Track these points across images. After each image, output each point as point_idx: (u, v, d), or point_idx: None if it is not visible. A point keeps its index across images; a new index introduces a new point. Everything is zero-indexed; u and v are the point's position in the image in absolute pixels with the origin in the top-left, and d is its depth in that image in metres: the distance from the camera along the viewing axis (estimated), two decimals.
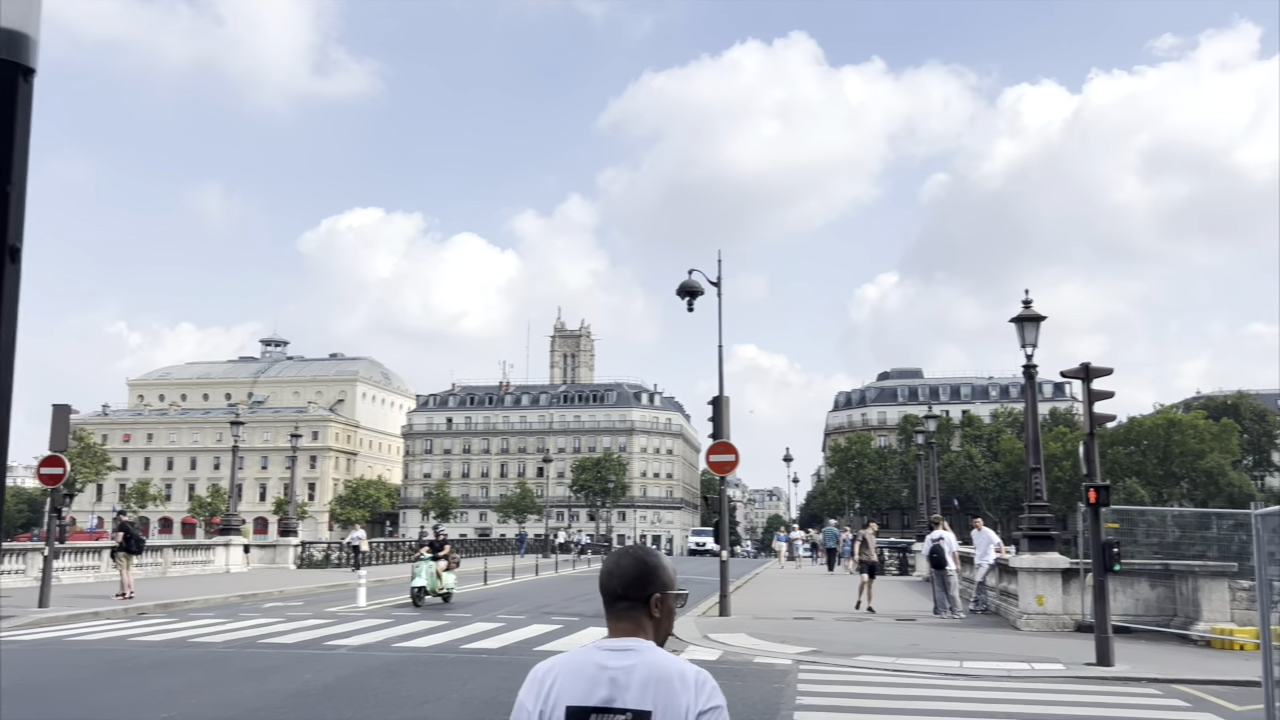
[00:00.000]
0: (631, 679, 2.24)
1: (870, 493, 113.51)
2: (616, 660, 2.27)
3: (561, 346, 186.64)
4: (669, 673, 2.25)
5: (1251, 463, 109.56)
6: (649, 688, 2.23)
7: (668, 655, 2.32)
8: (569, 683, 2.27)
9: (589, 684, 2.25)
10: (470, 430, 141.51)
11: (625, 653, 2.29)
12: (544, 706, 2.27)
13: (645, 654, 2.29)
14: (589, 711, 2.23)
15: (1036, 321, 17.64)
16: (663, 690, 2.22)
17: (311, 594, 26.43)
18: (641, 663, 2.26)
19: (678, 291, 20.07)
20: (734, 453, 19.54)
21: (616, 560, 2.43)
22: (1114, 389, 14.06)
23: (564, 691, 2.26)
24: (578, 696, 2.25)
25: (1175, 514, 21.46)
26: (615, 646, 2.31)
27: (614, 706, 2.23)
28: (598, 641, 2.34)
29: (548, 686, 2.28)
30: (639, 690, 2.23)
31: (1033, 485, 17.96)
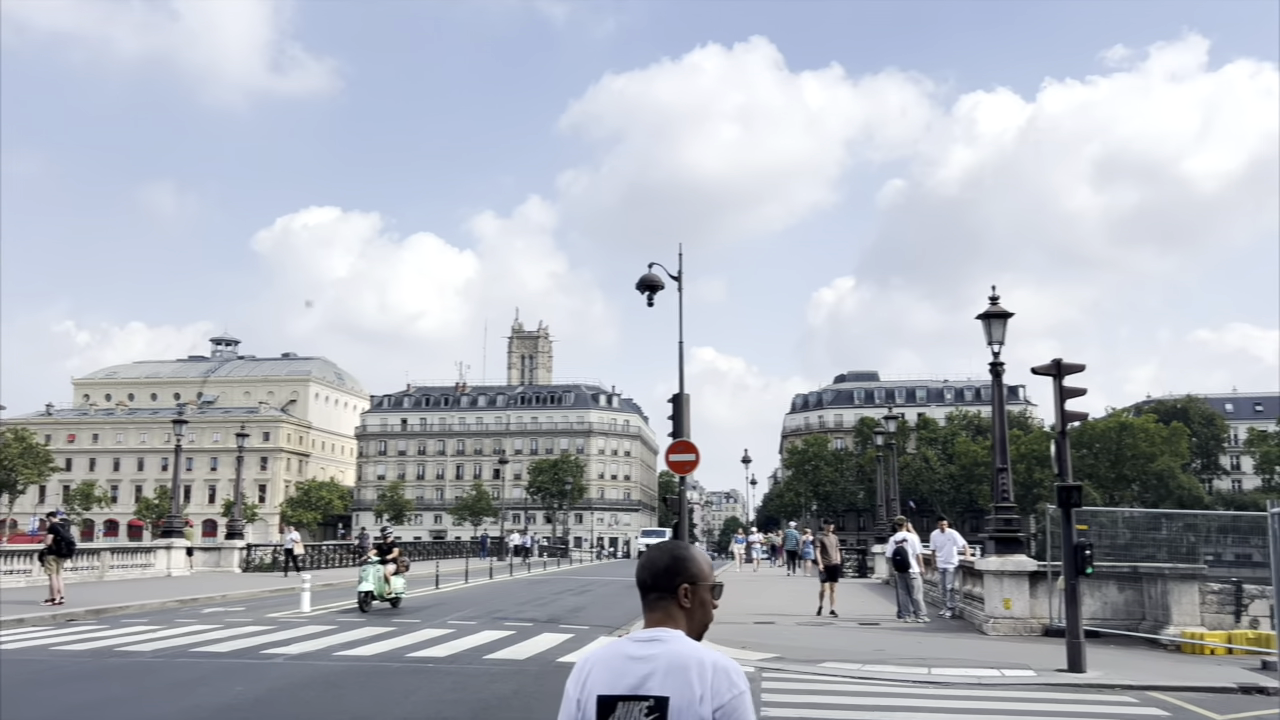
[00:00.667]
0: (655, 667, 2.38)
1: (827, 495, 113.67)
2: (643, 650, 2.43)
3: (519, 348, 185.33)
4: (689, 661, 2.37)
5: (1200, 466, 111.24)
6: (669, 675, 2.36)
7: (693, 644, 2.43)
8: (600, 673, 2.43)
9: (617, 673, 2.41)
10: (425, 432, 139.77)
11: (652, 643, 2.44)
12: (580, 695, 2.44)
13: (670, 643, 2.42)
14: (616, 700, 2.39)
15: (1004, 318, 17.23)
16: (680, 678, 2.35)
17: (255, 598, 25.44)
18: (665, 652, 2.40)
19: (638, 286, 19.41)
20: (694, 452, 18.92)
21: (649, 554, 2.60)
22: (1085, 386, 13.65)
23: (596, 681, 2.43)
24: (607, 685, 2.41)
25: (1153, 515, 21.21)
26: (644, 637, 2.47)
27: (638, 694, 2.37)
28: (631, 634, 2.50)
29: (584, 676, 2.46)
30: (660, 678, 2.37)
31: (1000, 486, 17.52)
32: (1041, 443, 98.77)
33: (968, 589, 20.21)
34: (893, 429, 34.89)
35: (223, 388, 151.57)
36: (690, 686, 2.34)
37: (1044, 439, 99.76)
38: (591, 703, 2.42)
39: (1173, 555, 18.04)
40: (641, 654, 2.42)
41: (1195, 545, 19.69)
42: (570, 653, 14.72)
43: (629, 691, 2.38)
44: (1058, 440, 13.54)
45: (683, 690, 2.34)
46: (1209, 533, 22.16)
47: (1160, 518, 20.91)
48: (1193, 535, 20.94)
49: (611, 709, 2.39)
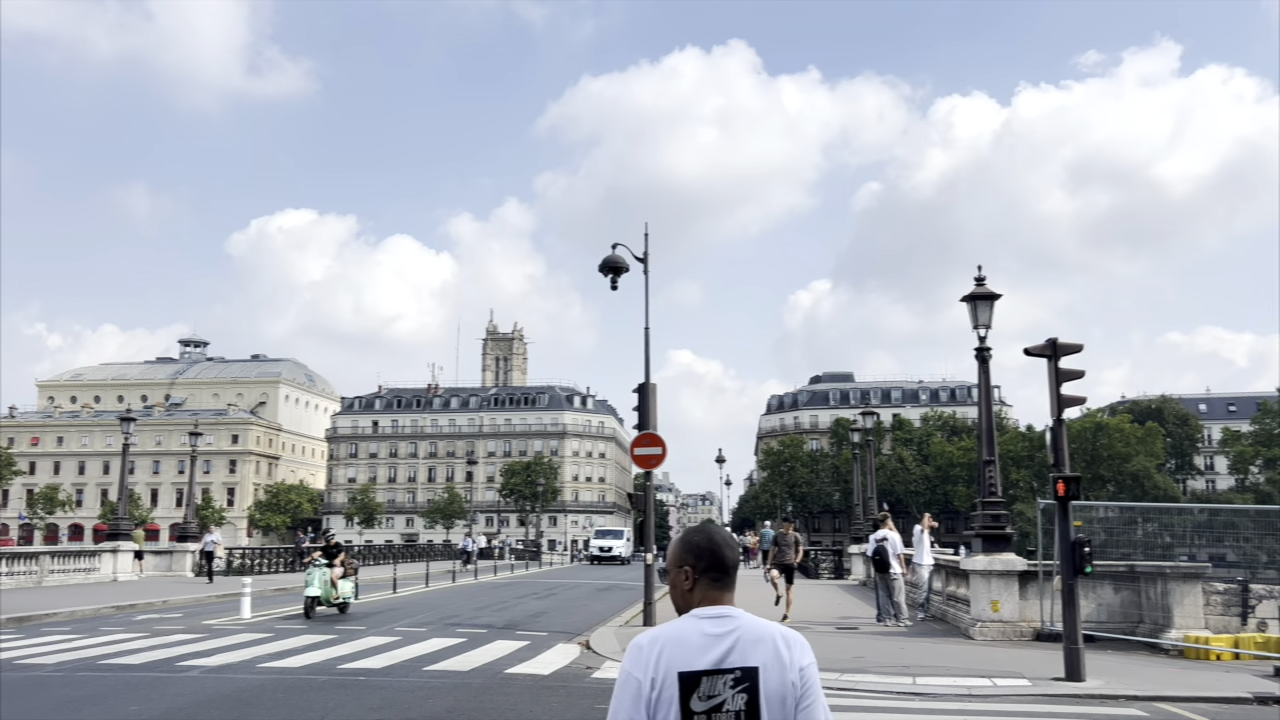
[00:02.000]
0: (736, 640, 2.49)
1: (802, 496, 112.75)
2: (718, 627, 2.52)
3: (494, 349, 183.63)
4: (769, 633, 2.53)
5: (1174, 466, 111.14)
6: (752, 647, 2.49)
7: (760, 619, 2.58)
8: (677, 651, 2.48)
9: (697, 650, 2.48)
10: (397, 434, 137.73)
11: (724, 619, 2.53)
12: (655, 675, 2.46)
13: (741, 619, 2.55)
14: (700, 675, 2.45)
15: (990, 300, 16.08)
16: (766, 648, 2.50)
17: (198, 604, 23.96)
18: (741, 626, 2.52)
19: (601, 268, 18.16)
20: (661, 445, 17.67)
21: (708, 536, 2.67)
22: (1084, 368, 12.51)
23: (674, 659, 2.47)
24: (687, 662, 2.46)
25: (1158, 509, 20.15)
26: (713, 614, 2.55)
27: (724, 667, 2.46)
28: (695, 612, 2.57)
29: (655, 656, 2.49)
30: (744, 650, 2.49)
31: (986, 479, 16.32)
32: (1018, 443, 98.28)
33: (950, 590, 19.08)
34: (869, 426, 33.78)
35: (191, 390, 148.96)
36: (776, 655, 2.50)
37: (1020, 439, 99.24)
38: (672, 679, 2.46)
39: (1148, 555, 17.02)
40: (718, 630, 2.52)
41: (1171, 547, 18.83)
42: (524, 662, 13.43)
43: (712, 666, 2.47)
44: (1054, 428, 12.39)
45: (768, 660, 2.49)
46: (1185, 531, 21.21)
47: (1170, 512, 19.85)
48: (1169, 535, 19.95)
49: (695, 684, 2.45)
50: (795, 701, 2.47)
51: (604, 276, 18.14)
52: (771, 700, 2.46)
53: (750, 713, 2.44)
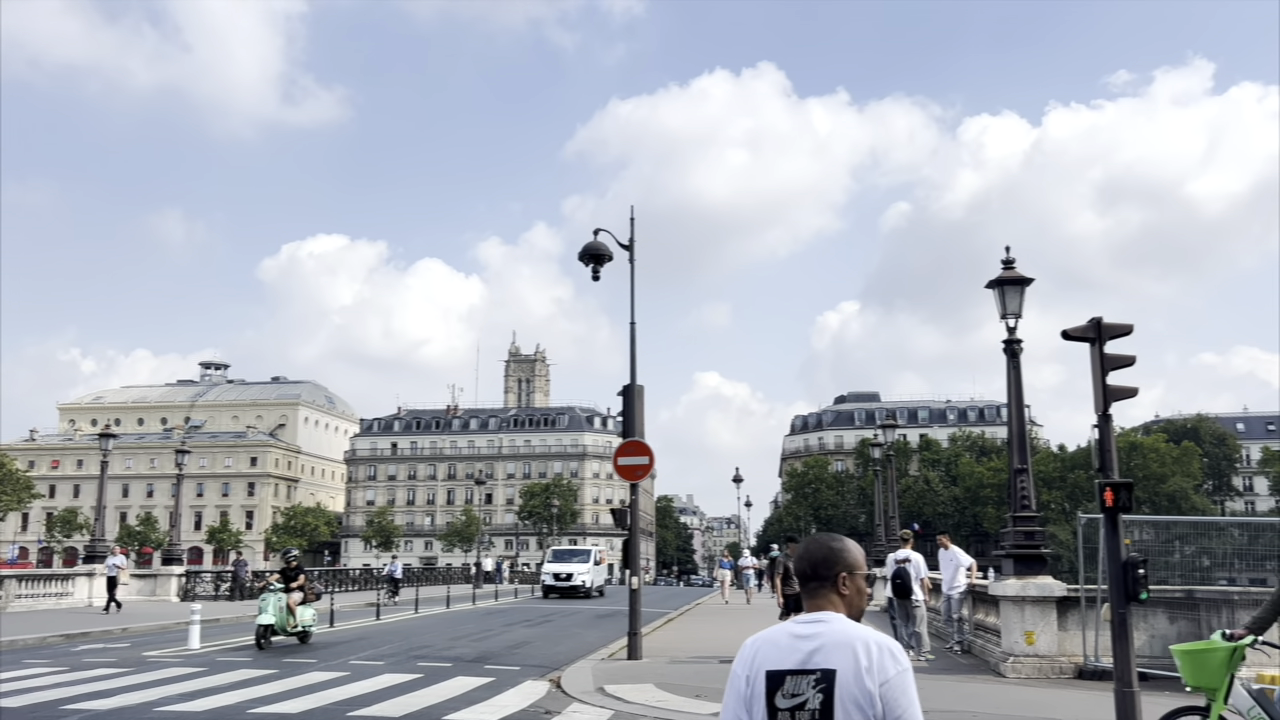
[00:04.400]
0: (821, 644, 2.60)
1: (827, 518, 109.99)
2: (808, 630, 2.65)
3: (516, 371, 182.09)
4: (853, 638, 2.59)
5: (1212, 487, 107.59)
6: (834, 650, 2.58)
7: (855, 625, 2.65)
8: (769, 651, 2.65)
9: (785, 650, 2.63)
10: (416, 455, 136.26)
11: (816, 624, 2.66)
12: (749, 672, 2.65)
13: (833, 624, 2.65)
14: (785, 674, 2.60)
15: (1020, 285, 14.02)
16: (847, 653, 2.56)
17: (155, 631, 22.13)
18: (829, 630, 2.63)
19: (580, 256, 16.28)
20: (648, 453, 15.70)
21: (806, 546, 2.82)
22: (1135, 354, 10.45)
23: (765, 659, 2.64)
24: (775, 661, 2.62)
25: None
26: (807, 619, 2.70)
27: (805, 668, 2.58)
28: (794, 617, 2.75)
29: (751, 655, 2.68)
30: (826, 653, 2.58)
31: (1019, 490, 14.14)
32: (1050, 463, 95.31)
33: (979, 618, 16.91)
34: (890, 440, 31.59)
35: (210, 412, 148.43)
36: (856, 660, 2.55)
37: (1053, 459, 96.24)
38: (760, 677, 2.62)
39: (1186, 580, 14.94)
40: (807, 633, 2.64)
41: (1210, 571, 16.82)
42: (475, 704, 11.45)
43: (797, 666, 2.60)
44: (1100, 424, 10.31)
45: (848, 664, 2.55)
46: (1225, 554, 19.05)
47: (1208, 535, 17.66)
48: (1208, 558, 17.82)
49: (780, 682, 2.60)
50: (876, 708, 2.52)
51: (585, 266, 16.24)
52: (846, 703, 2.54)
53: (825, 713, 2.55)
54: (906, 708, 2.51)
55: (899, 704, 2.51)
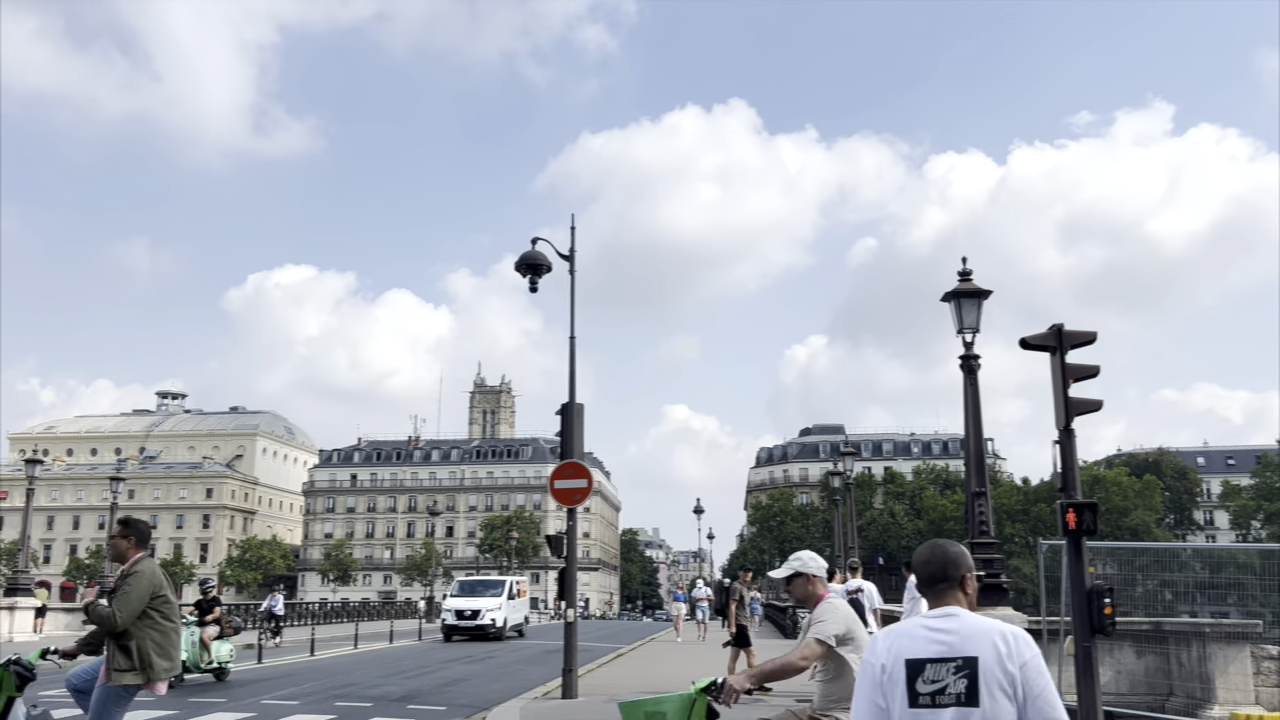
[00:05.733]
0: (959, 635, 2.91)
1: (793, 551, 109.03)
2: (942, 624, 2.97)
3: (481, 402, 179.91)
4: (989, 629, 2.92)
5: (1174, 521, 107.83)
6: (973, 640, 2.89)
7: (984, 618, 2.99)
8: (905, 643, 2.95)
9: (923, 642, 2.93)
10: (376, 487, 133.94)
11: (949, 618, 2.99)
12: (885, 661, 2.95)
13: (965, 618, 2.98)
14: (925, 662, 2.90)
15: (977, 298, 13.29)
16: (985, 641, 2.88)
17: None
18: (963, 623, 2.95)
19: (517, 266, 15.37)
20: (586, 476, 14.72)
21: (931, 550, 3.21)
22: (1099, 363, 9.68)
23: (902, 649, 2.94)
24: (914, 652, 2.92)
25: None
26: (939, 614, 3.03)
27: (946, 657, 2.89)
28: (924, 614, 3.06)
29: (887, 646, 2.98)
30: (964, 642, 2.89)
31: (976, 515, 13.29)
32: (1012, 496, 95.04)
33: None
34: (849, 468, 30.81)
35: (166, 442, 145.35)
36: (995, 648, 2.86)
37: (1015, 493, 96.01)
38: (900, 665, 2.91)
39: (1149, 612, 14.16)
40: (941, 626, 2.96)
41: (1173, 604, 16.16)
42: None
43: (936, 656, 2.89)
44: (1061, 439, 9.50)
45: (989, 651, 2.86)
46: (1187, 588, 18.36)
47: (1170, 566, 16.95)
48: (1169, 591, 17.11)
49: (920, 669, 2.89)
50: (1017, 690, 2.83)
51: (522, 277, 15.33)
52: (990, 685, 2.83)
53: (970, 696, 2.84)
54: (1044, 687, 2.85)
55: (1037, 684, 2.84)
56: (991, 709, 2.82)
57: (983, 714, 2.82)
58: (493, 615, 32.05)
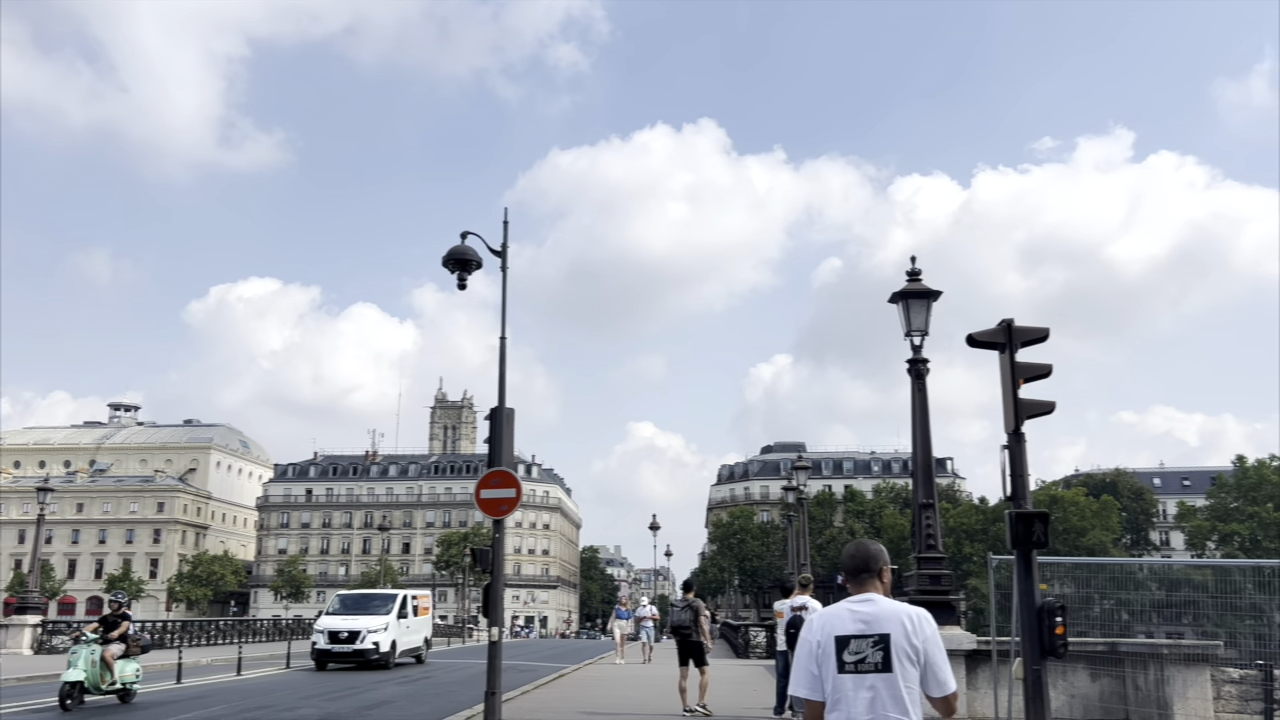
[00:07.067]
0: (875, 616, 3.68)
1: (753, 569, 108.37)
2: (863, 607, 3.73)
3: (442, 418, 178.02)
4: (899, 611, 3.70)
5: (1130, 541, 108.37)
6: (887, 620, 3.66)
7: (894, 601, 3.77)
8: (835, 622, 3.72)
9: (848, 621, 3.70)
10: (332, 503, 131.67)
11: (868, 602, 3.75)
12: (819, 638, 3.70)
13: (880, 602, 3.75)
14: (850, 637, 3.66)
15: (925, 299, 12.59)
16: (895, 621, 3.66)
17: None
18: (878, 607, 3.72)
19: (445, 261, 14.52)
20: (514, 485, 13.84)
21: (857, 547, 3.99)
22: (1051, 359, 9.00)
23: (832, 628, 3.70)
24: (841, 629, 3.68)
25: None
26: (861, 599, 3.79)
27: (866, 634, 3.65)
28: (846, 599, 3.84)
29: (820, 625, 3.75)
30: (880, 622, 3.66)
31: (924, 527, 12.54)
32: (971, 516, 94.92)
33: None
34: (804, 483, 30.12)
35: (117, 455, 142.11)
36: (903, 626, 3.65)
37: (974, 512, 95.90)
38: (830, 641, 3.68)
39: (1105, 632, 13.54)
40: (862, 609, 3.72)
41: (1129, 624, 15.62)
42: None
43: (858, 631, 3.66)
44: (1010, 445, 8.78)
45: (898, 629, 3.64)
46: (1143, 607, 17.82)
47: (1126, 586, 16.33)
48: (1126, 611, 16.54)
49: (846, 644, 3.66)
50: (920, 660, 3.65)
51: (450, 273, 14.47)
52: (900, 656, 3.62)
53: (885, 664, 3.61)
54: (939, 659, 3.68)
55: (934, 657, 3.66)
56: (901, 674, 3.61)
57: (895, 678, 3.61)
58: (375, 638, 25.96)
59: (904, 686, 3.57)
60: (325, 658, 26.09)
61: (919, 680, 3.61)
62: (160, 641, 35.05)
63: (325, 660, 26.10)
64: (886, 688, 3.56)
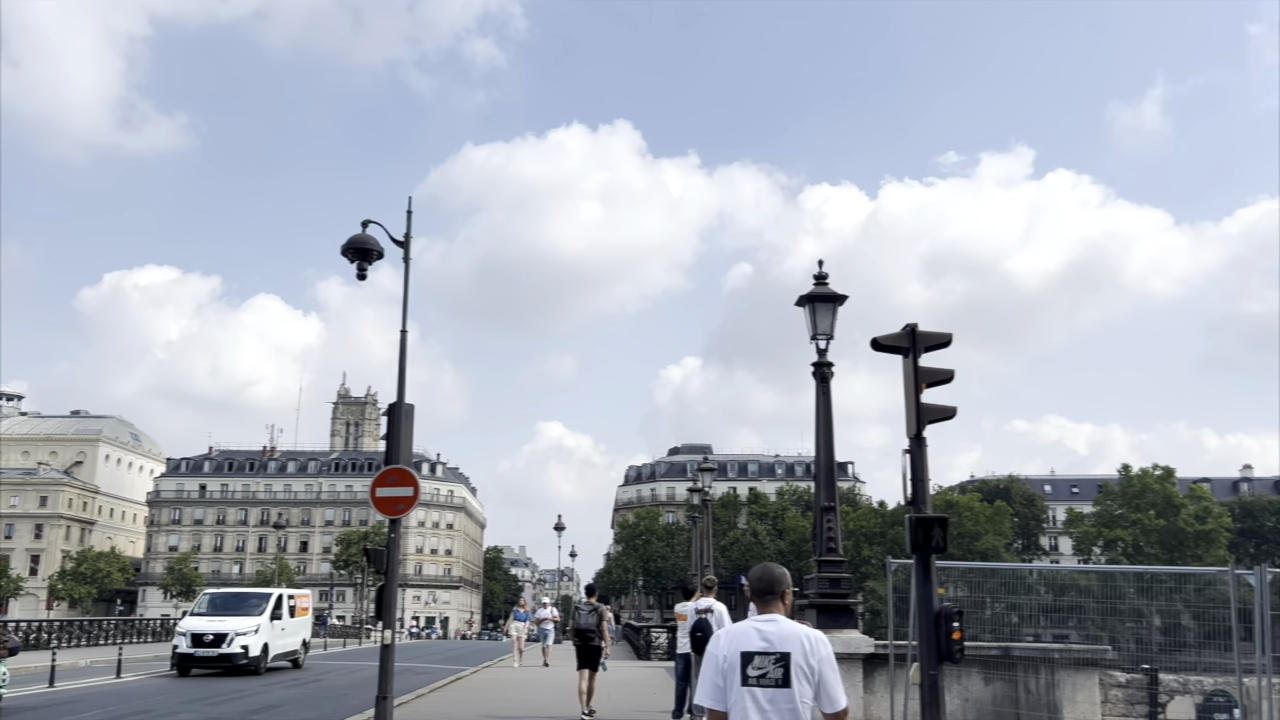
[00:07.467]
0: (778, 636, 4.05)
1: (657, 570, 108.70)
2: (767, 627, 4.10)
3: (345, 414, 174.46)
4: (798, 632, 4.08)
5: (1021, 546, 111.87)
6: (787, 640, 4.04)
7: (794, 623, 4.16)
8: (740, 640, 4.08)
9: (753, 639, 4.05)
10: (227, 499, 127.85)
11: (771, 623, 4.12)
12: (726, 652, 4.06)
13: (782, 623, 4.13)
14: (754, 654, 4.01)
15: (832, 303, 12.61)
16: (795, 642, 4.04)
17: None
18: (780, 627, 4.09)
19: (344, 250, 14.03)
20: (412, 484, 13.46)
21: (763, 570, 4.33)
22: (952, 366, 9.03)
23: (739, 645, 4.06)
24: (747, 646, 4.04)
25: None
26: (764, 619, 4.16)
27: (768, 651, 4.01)
28: (752, 618, 4.22)
29: (727, 642, 4.11)
30: (781, 641, 4.03)
31: (825, 530, 12.56)
32: (870, 519, 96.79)
33: None
34: (709, 485, 30.17)
35: None
36: (802, 646, 4.03)
37: (873, 515, 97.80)
38: (736, 656, 4.03)
39: (996, 636, 13.81)
40: (766, 629, 4.08)
41: (1019, 627, 15.98)
42: None
43: (762, 649, 4.02)
44: (912, 449, 8.77)
45: (798, 648, 4.02)
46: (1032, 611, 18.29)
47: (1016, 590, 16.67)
48: (1016, 615, 16.93)
49: (750, 659, 4.01)
50: (814, 678, 4.01)
51: (350, 263, 13.99)
52: (798, 673, 3.99)
53: (784, 680, 3.98)
54: (832, 678, 4.05)
55: (827, 676, 4.04)
56: (798, 689, 3.98)
57: (792, 693, 3.98)
58: (244, 641, 23.52)
59: (800, 701, 3.98)
60: (188, 662, 23.62)
61: (813, 696, 4.01)
62: (35, 642, 33.42)
63: (188, 665, 23.65)
64: (785, 701, 3.96)
